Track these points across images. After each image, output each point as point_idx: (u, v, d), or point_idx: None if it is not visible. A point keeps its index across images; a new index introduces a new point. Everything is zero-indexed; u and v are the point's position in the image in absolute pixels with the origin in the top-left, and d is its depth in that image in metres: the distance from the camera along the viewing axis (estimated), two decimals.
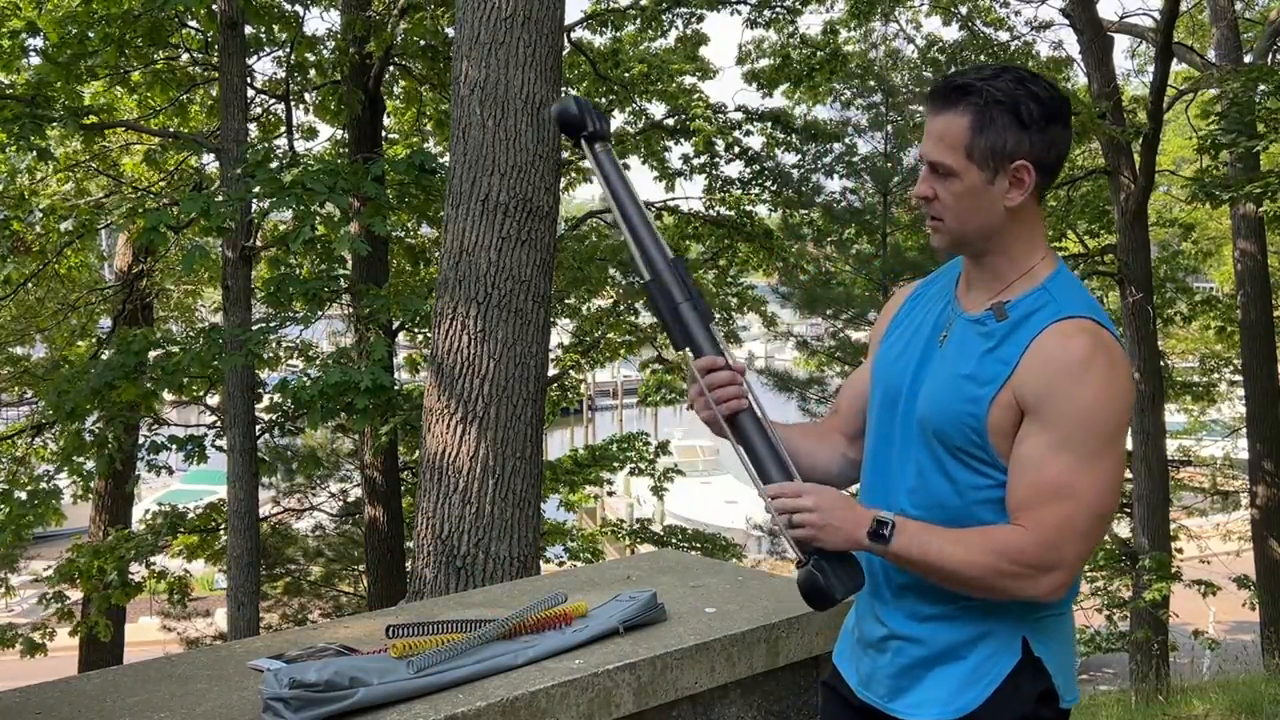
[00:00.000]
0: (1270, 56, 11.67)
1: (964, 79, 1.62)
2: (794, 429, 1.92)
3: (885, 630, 1.70)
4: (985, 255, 1.66)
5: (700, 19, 12.22)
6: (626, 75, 12.17)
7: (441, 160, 7.53)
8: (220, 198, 7.29)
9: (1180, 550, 12.55)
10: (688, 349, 1.76)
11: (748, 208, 13.16)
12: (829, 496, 1.64)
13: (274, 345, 8.81)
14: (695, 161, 12.65)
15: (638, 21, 12.02)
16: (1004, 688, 1.60)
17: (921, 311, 1.77)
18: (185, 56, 10.08)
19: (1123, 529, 13.08)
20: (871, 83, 15.05)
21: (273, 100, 10.90)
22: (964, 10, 12.91)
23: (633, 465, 12.95)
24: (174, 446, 8.71)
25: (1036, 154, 1.59)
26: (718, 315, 12.71)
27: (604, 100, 12.34)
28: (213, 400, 10.67)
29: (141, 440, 10.07)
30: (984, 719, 1.60)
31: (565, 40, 10.11)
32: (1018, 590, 1.57)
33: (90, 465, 9.38)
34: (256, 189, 6.89)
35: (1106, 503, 1.58)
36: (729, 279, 13.55)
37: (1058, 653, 1.64)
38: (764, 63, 12.60)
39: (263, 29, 9.33)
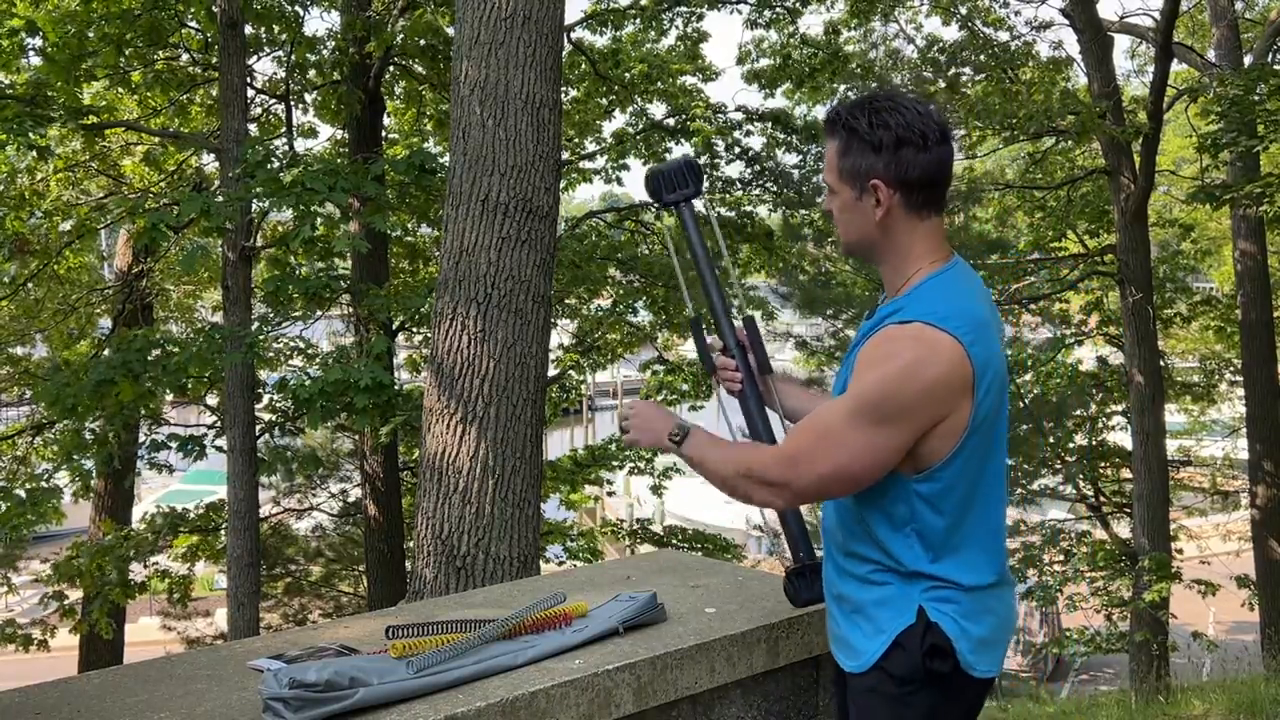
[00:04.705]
0: (1270, 56, 11.65)
1: (833, 112, 1.89)
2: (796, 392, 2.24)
3: (832, 588, 1.95)
4: (877, 264, 1.92)
5: (700, 18, 12.23)
6: (627, 75, 12.17)
7: (441, 160, 7.52)
8: (220, 198, 7.29)
9: (1180, 550, 12.54)
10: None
11: (748, 208, 13.15)
12: (647, 406, 2.06)
13: (273, 344, 8.82)
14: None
15: (638, 21, 12.01)
16: (899, 642, 1.80)
17: (866, 318, 1.99)
18: (185, 57, 10.08)
19: (1123, 529, 13.07)
20: (872, 83, 15.03)
21: (273, 100, 10.90)
22: (964, 10, 12.89)
23: (632, 465, 12.96)
24: (174, 446, 8.71)
25: (890, 173, 1.82)
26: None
27: (604, 100, 12.34)
28: (213, 400, 10.67)
29: (141, 439, 10.08)
30: (887, 667, 1.81)
31: (565, 40, 10.11)
32: (751, 494, 1.87)
33: (90, 464, 9.38)
34: (257, 189, 6.89)
35: (856, 467, 1.77)
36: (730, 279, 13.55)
37: (959, 622, 1.80)
38: (764, 63, 12.59)
39: (263, 29, 9.33)
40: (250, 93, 9.41)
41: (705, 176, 12.50)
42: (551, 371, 10.63)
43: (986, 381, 1.76)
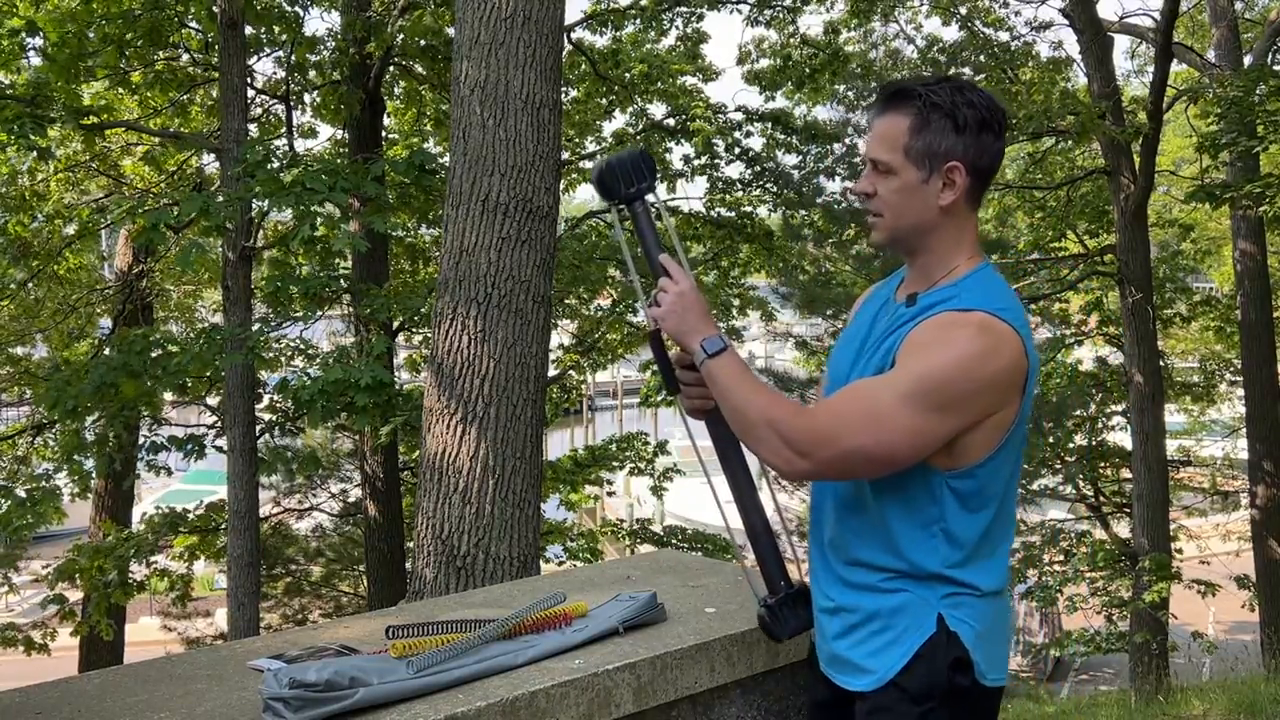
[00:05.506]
0: (1270, 57, 11.66)
1: (907, 84, 1.74)
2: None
3: (828, 601, 1.82)
4: (916, 253, 1.77)
5: (700, 18, 12.23)
6: (627, 75, 12.17)
7: (441, 160, 7.52)
8: (220, 198, 7.29)
9: (1180, 550, 12.55)
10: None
11: (748, 209, 13.16)
12: (696, 296, 1.83)
13: (273, 345, 8.82)
14: (696, 163, 12.65)
15: (638, 21, 12.01)
16: (920, 654, 1.69)
17: (870, 309, 1.88)
18: (185, 57, 10.08)
19: (1123, 529, 13.07)
20: (873, 83, 15.03)
21: (273, 100, 10.90)
22: (964, 10, 12.89)
23: (632, 465, 12.96)
24: (174, 446, 8.72)
25: (969, 157, 1.70)
26: (718, 315, 12.73)
27: (604, 101, 12.33)
28: (213, 400, 10.68)
29: (141, 440, 10.08)
30: (904, 684, 1.69)
31: (565, 40, 10.10)
32: (762, 446, 1.69)
33: (90, 464, 9.39)
34: (257, 189, 6.89)
35: (895, 449, 1.63)
36: (730, 279, 13.58)
37: (976, 630, 1.71)
38: (764, 63, 12.60)
39: (263, 29, 9.33)
40: (250, 93, 9.41)
41: (704, 174, 12.58)
42: (551, 371, 10.63)
43: (1034, 379, 1.70)
